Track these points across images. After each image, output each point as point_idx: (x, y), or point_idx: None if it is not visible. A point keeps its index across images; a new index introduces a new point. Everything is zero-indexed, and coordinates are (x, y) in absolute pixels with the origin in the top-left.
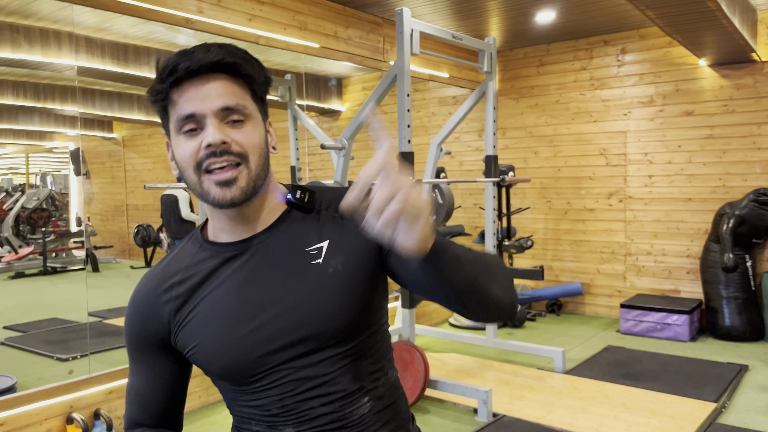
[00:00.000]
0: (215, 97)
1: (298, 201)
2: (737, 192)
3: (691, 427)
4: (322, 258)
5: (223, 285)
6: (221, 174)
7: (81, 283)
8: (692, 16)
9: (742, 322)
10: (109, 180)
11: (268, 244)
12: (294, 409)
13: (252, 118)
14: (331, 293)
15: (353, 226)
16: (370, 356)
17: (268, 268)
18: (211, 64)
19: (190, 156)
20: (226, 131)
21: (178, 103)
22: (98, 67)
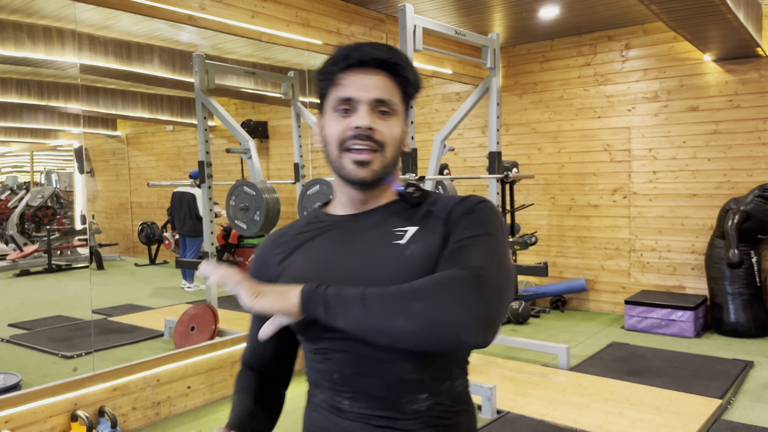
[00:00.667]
0: (373, 88)
1: (406, 195)
2: (742, 187)
3: (696, 423)
4: (404, 240)
5: (320, 245)
6: (359, 155)
7: (85, 281)
8: (697, 11)
9: (748, 318)
10: (113, 178)
11: (368, 219)
12: (353, 381)
13: (397, 114)
14: (405, 273)
15: (442, 224)
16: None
17: (359, 236)
18: (378, 61)
19: (338, 133)
20: (374, 119)
21: (341, 86)
22: (101, 64)
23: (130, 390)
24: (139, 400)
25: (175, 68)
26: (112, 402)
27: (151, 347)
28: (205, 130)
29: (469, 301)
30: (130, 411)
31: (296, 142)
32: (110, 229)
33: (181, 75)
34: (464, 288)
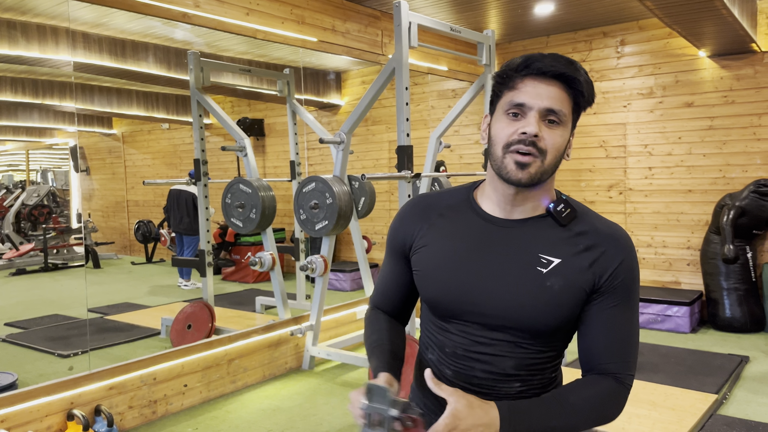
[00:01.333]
0: (546, 97)
1: (556, 213)
2: (737, 183)
3: (691, 418)
4: (547, 270)
5: (465, 239)
6: (522, 157)
7: (81, 280)
8: (692, 7)
9: (743, 313)
10: (109, 176)
11: (515, 231)
12: (460, 359)
13: (564, 125)
14: (535, 300)
15: (586, 266)
16: (538, 357)
17: (503, 248)
18: (557, 73)
19: (506, 135)
20: (542, 127)
21: (516, 90)
22: (96, 62)
23: (126, 389)
24: (135, 398)
25: (170, 66)
26: (109, 401)
27: (148, 346)
28: (201, 127)
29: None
30: (126, 410)
31: (292, 140)
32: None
33: (176, 73)
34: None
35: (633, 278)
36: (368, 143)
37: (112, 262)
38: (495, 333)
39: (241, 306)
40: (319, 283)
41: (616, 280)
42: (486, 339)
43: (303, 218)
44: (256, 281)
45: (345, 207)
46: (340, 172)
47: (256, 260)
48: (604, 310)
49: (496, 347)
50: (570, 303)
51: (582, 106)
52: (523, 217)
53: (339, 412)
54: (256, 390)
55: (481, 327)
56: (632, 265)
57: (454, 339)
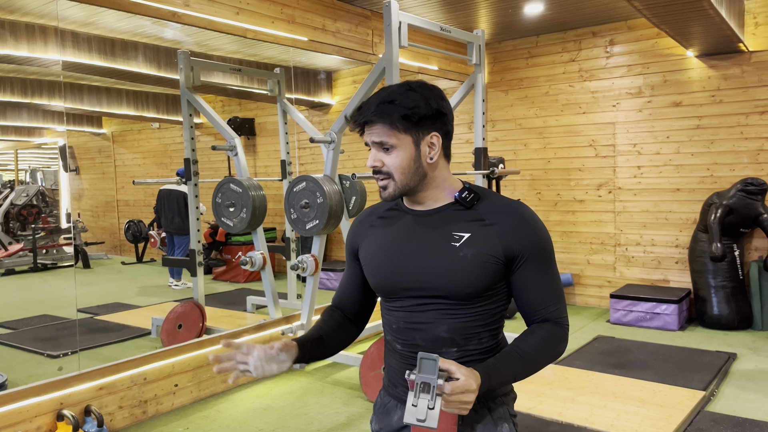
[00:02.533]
0: (374, 135)
1: (461, 200)
2: (725, 182)
3: (679, 415)
4: (459, 244)
5: (396, 231)
6: (380, 182)
7: (71, 280)
8: (679, 7)
9: (731, 310)
10: (99, 176)
11: (430, 219)
12: (404, 332)
13: (398, 147)
14: (451, 267)
15: (494, 235)
16: (469, 321)
17: (423, 233)
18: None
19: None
20: (380, 156)
21: (364, 133)
22: (85, 61)
23: (116, 389)
24: (125, 398)
25: (160, 65)
26: (99, 401)
27: (138, 346)
28: (191, 127)
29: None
30: (116, 410)
31: (283, 139)
32: (96, 227)
33: (166, 72)
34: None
35: (540, 244)
36: (359, 143)
37: (102, 262)
38: (426, 302)
39: (232, 306)
40: (310, 282)
41: (525, 248)
42: (419, 309)
43: (294, 217)
44: (247, 281)
45: (336, 206)
46: (331, 171)
47: (246, 260)
48: (525, 273)
49: (428, 314)
50: (483, 268)
51: (413, 121)
52: (434, 207)
53: (330, 411)
54: (247, 389)
55: (414, 299)
56: (537, 234)
57: (397, 315)
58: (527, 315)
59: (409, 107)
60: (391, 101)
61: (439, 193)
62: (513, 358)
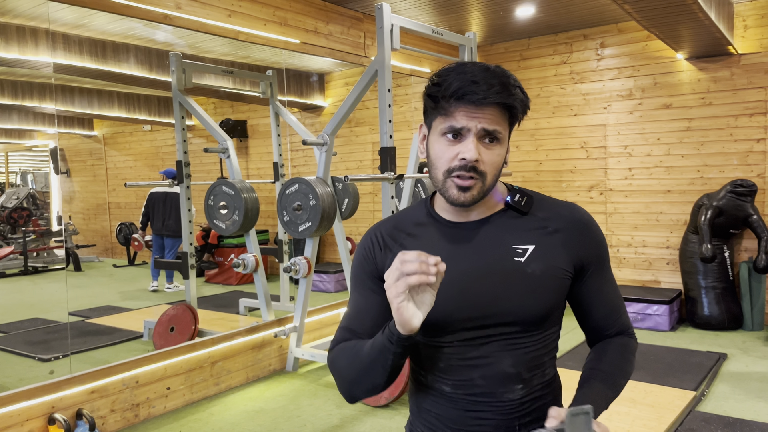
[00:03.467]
0: (482, 119)
1: (515, 204)
2: (715, 183)
3: (670, 415)
4: (524, 258)
5: (438, 250)
6: (463, 181)
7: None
8: (669, 10)
9: (721, 311)
10: (90, 178)
11: (482, 232)
12: (457, 371)
13: (502, 142)
14: (523, 290)
15: (560, 245)
16: (536, 350)
17: (477, 249)
18: (493, 103)
19: (445, 160)
20: (480, 149)
21: (451, 114)
22: (76, 64)
23: (108, 392)
24: (117, 402)
25: (152, 67)
26: (90, 404)
27: (130, 349)
28: (183, 129)
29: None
30: (108, 413)
31: (275, 141)
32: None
33: (158, 74)
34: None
35: (604, 249)
36: (351, 145)
37: (93, 264)
38: (488, 331)
39: (225, 308)
40: (303, 285)
41: (592, 256)
42: (478, 342)
43: (286, 220)
44: (240, 283)
45: (328, 208)
46: (324, 173)
47: (239, 262)
48: (593, 285)
49: (490, 347)
50: (554, 284)
51: (517, 119)
52: (483, 216)
53: (323, 414)
54: (240, 392)
55: (472, 330)
56: (599, 237)
57: (447, 352)
58: (598, 330)
59: (522, 102)
60: (514, 84)
61: (490, 199)
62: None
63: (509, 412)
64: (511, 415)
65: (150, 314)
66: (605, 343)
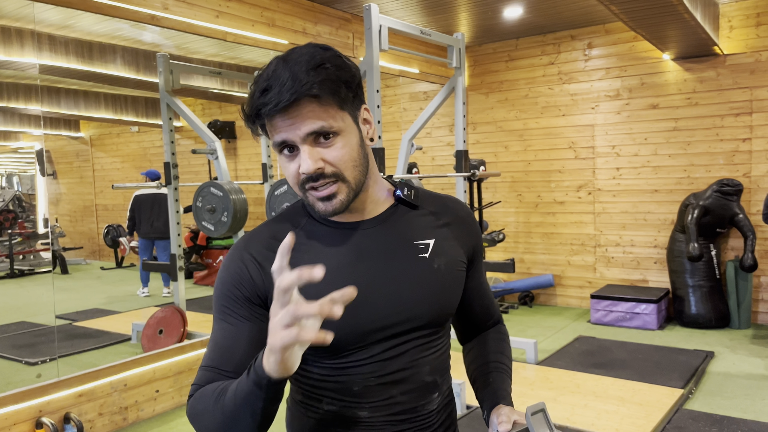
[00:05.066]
0: (302, 123)
1: (406, 198)
2: (701, 183)
3: (658, 413)
4: (428, 254)
5: (331, 257)
6: (322, 191)
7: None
8: (655, 11)
9: (708, 309)
10: (77, 180)
11: (379, 231)
12: (375, 391)
13: (341, 131)
14: (434, 286)
15: (454, 237)
16: (444, 352)
17: (377, 252)
18: (289, 103)
19: (293, 176)
20: (319, 153)
21: (272, 130)
22: (62, 65)
23: (96, 395)
24: (105, 405)
25: (139, 68)
26: (78, 408)
27: (118, 352)
28: (171, 130)
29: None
30: (96, 417)
31: (264, 142)
32: (74, 232)
33: (145, 75)
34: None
35: (482, 241)
36: None
37: (80, 267)
38: (404, 338)
39: None
40: None
41: (477, 248)
42: (397, 351)
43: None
44: None
45: None
46: None
47: None
48: (476, 278)
49: (406, 357)
50: (457, 278)
51: (345, 94)
52: (376, 213)
53: None
54: None
55: (389, 340)
56: (479, 230)
57: (361, 371)
58: (478, 323)
59: (346, 70)
60: (321, 65)
61: (378, 192)
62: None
63: (428, 426)
64: (430, 428)
65: (138, 317)
66: (490, 334)
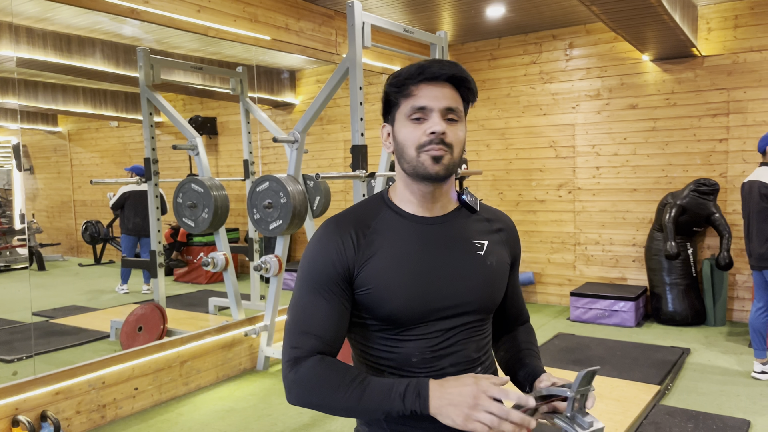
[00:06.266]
0: (443, 98)
1: (469, 202)
2: (679, 182)
3: (635, 409)
4: (483, 252)
5: (405, 244)
6: (435, 152)
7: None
8: (635, 12)
9: (684, 307)
10: (54, 175)
11: (444, 227)
12: (429, 363)
13: (462, 120)
14: (487, 279)
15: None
16: (487, 336)
17: (443, 243)
18: (449, 76)
19: (414, 138)
20: (445, 125)
21: (415, 96)
22: (40, 58)
23: (73, 393)
24: (83, 403)
25: (119, 62)
26: (55, 406)
27: (96, 349)
28: (151, 126)
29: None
30: (74, 415)
31: (245, 139)
32: (52, 228)
33: (125, 69)
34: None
35: (520, 250)
36: (323, 142)
37: (58, 264)
38: (457, 321)
39: (194, 307)
40: (273, 283)
41: (517, 255)
42: (449, 331)
43: (257, 218)
44: (209, 282)
45: (299, 206)
46: (295, 171)
47: (208, 261)
48: (513, 280)
49: (458, 336)
50: (504, 275)
51: (470, 101)
52: (444, 212)
53: (293, 412)
54: (210, 391)
55: (443, 320)
56: (519, 240)
57: (420, 344)
58: (514, 318)
59: (475, 86)
60: (464, 73)
61: (449, 196)
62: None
63: None
64: None
65: (117, 314)
66: (520, 331)
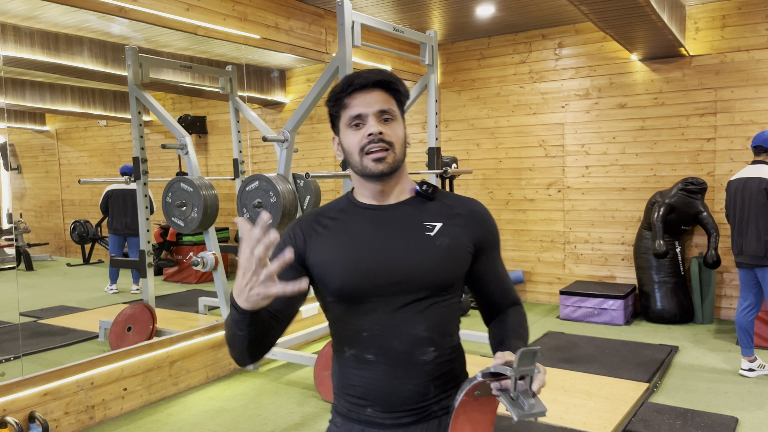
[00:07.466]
0: (375, 103)
1: (423, 192)
2: (667, 181)
3: (624, 406)
4: (434, 233)
5: (354, 227)
6: (376, 153)
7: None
8: (623, 12)
9: (673, 305)
10: (42, 174)
11: (396, 212)
12: (378, 339)
13: (397, 119)
14: (432, 257)
15: (462, 226)
16: (444, 317)
17: (393, 226)
18: (375, 82)
19: (356, 143)
20: (381, 126)
21: (350, 106)
22: (27, 56)
23: (61, 394)
24: (72, 404)
25: (107, 61)
26: (43, 407)
27: (85, 350)
28: (140, 125)
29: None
30: (62, 416)
31: (235, 138)
32: (40, 228)
33: (113, 68)
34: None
35: (497, 236)
36: (313, 141)
37: (46, 263)
38: (404, 300)
39: (184, 307)
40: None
41: (487, 239)
42: (397, 309)
43: (247, 217)
44: (199, 282)
45: (289, 205)
46: (284, 170)
47: (198, 260)
48: (489, 265)
49: (406, 314)
50: (458, 256)
51: (402, 101)
52: (398, 201)
53: (284, 411)
54: (200, 391)
55: (391, 297)
56: (493, 227)
57: (367, 321)
58: (498, 301)
59: (403, 86)
60: (389, 77)
61: (403, 186)
62: (522, 342)
63: (425, 374)
64: (426, 377)
65: (106, 314)
66: (509, 313)
